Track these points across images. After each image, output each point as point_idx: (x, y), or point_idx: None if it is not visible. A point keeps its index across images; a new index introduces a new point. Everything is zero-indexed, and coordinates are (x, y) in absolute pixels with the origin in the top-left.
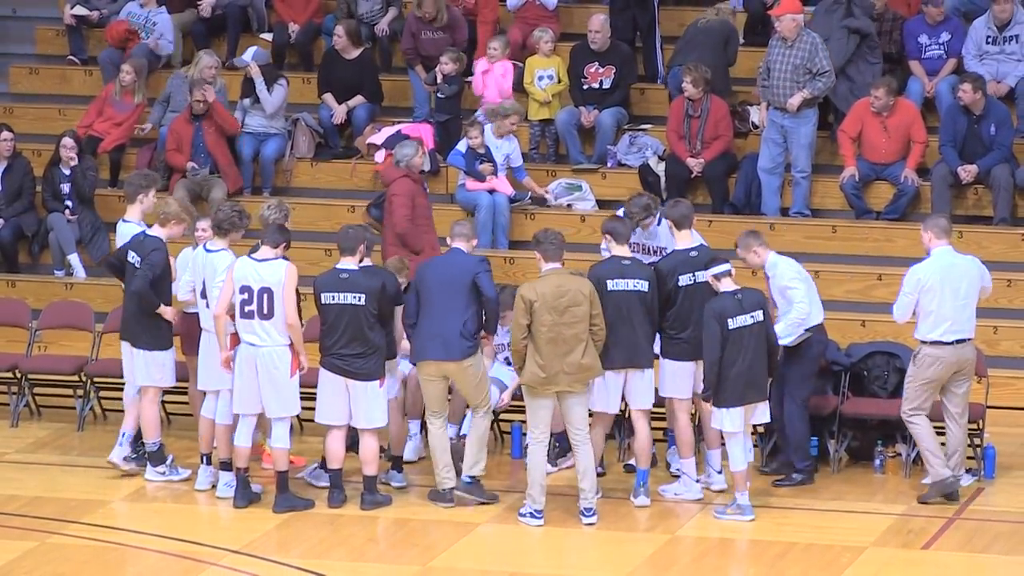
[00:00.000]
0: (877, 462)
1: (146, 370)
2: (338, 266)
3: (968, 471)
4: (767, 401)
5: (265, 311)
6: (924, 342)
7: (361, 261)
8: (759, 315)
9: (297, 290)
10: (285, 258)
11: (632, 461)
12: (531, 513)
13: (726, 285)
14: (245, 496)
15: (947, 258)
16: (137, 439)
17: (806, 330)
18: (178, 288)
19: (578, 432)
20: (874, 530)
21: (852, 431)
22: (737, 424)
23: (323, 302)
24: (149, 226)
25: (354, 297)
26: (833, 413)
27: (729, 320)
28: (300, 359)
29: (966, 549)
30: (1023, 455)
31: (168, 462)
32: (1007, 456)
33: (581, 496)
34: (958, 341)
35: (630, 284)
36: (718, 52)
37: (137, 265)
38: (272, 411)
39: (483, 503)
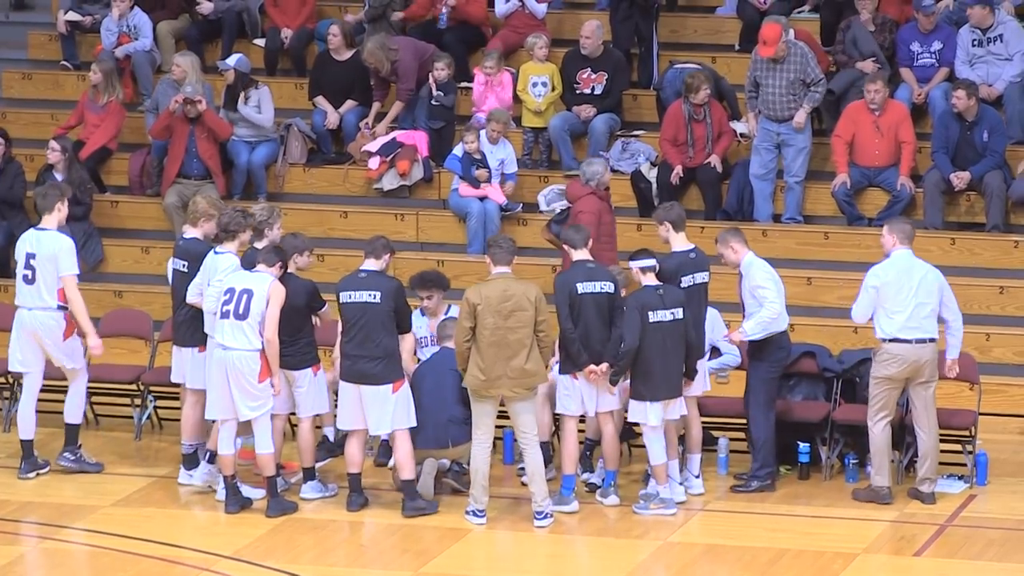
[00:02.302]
0: (869, 468)
1: (194, 372)
2: (360, 267)
3: (960, 478)
4: (681, 398)
5: (241, 311)
6: (884, 340)
7: (383, 270)
8: (679, 312)
9: (317, 291)
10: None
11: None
12: (474, 512)
13: (649, 279)
14: (236, 502)
15: (906, 261)
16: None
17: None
18: (187, 290)
19: (525, 435)
20: (866, 537)
21: (844, 437)
22: (659, 419)
23: (341, 301)
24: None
25: (369, 295)
26: (825, 419)
27: (650, 313)
28: (273, 379)
29: (958, 556)
30: (1015, 462)
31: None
32: (999, 463)
33: (533, 500)
34: (918, 340)
35: (597, 287)
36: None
37: (184, 270)
38: (244, 414)
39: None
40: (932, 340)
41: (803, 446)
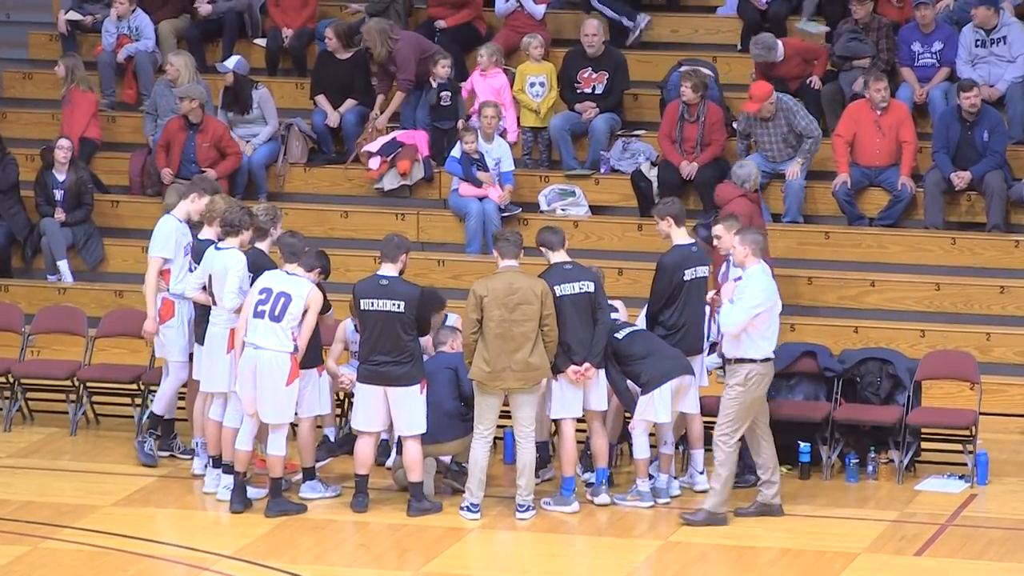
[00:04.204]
0: (870, 468)
1: (198, 367)
2: (378, 272)
3: (960, 477)
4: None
5: (276, 313)
6: (755, 360)
7: (402, 271)
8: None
9: (323, 290)
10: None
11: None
12: (468, 507)
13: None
14: (242, 500)
15: (768, 276)
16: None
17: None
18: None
19: (523, 429)
20: (867, 536)
21: (845, 437)
22: (667, 413)
23: (362, 308)
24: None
25: (393, 304)
26: (826, 419)
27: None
28: (298, 370)
29: (959, 555)
30: (1015, 461)
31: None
32: (999, 463)
33: (517, 493)
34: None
35: (576, 287)
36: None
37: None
38: (267, 416)
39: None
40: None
41: (804, 446)
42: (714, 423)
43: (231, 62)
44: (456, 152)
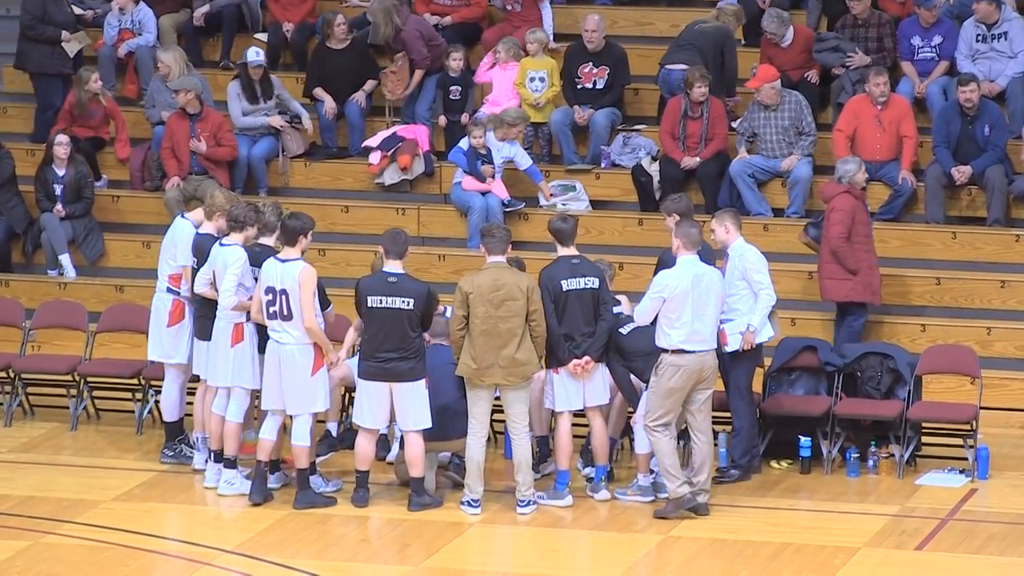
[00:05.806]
0: (870, 463)
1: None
2: (385, 269)
3: (961, 472)
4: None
5: (285, 312)
6: (665, 351)
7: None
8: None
9: (323, 288)
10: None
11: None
12: (468, 502)
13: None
14: (261, 492)
15: (694, 268)
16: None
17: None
18: (195, 281)
19: (516, 425)
20: (867, 531)
21: (845, 432)
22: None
23: (370, 305)
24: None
25: (403, 302)
26: (826, 414)
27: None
28: (323, 359)
29: (960, 550)
30: (1016, 456)
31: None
32: (1000, 457)
33: (517, 489)
34: (700, 351)
35: (582, 282)
36: (712, 57)
37: (195, 267)
38: (292, 408)
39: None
40: (713, 350)
41: (804, 440)
42: (717, 418)
43: (257, 55)
44: (464, 144)
